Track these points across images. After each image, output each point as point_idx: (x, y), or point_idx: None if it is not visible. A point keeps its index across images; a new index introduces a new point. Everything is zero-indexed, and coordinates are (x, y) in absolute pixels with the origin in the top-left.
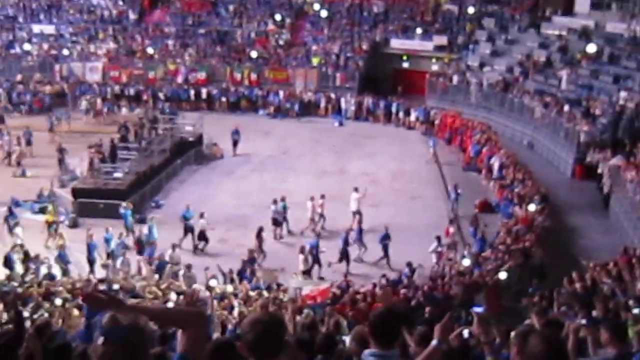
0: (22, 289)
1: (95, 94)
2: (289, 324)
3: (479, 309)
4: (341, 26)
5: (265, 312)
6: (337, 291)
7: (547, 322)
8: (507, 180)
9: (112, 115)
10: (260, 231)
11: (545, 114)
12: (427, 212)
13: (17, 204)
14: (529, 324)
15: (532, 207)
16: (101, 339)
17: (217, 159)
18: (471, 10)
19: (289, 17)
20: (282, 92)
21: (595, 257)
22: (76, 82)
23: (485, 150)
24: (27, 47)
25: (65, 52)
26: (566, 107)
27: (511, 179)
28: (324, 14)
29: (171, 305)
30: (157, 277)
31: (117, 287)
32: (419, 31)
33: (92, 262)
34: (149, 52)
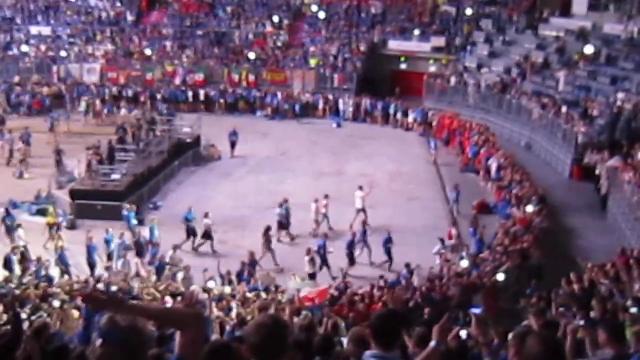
0: (20, 290)
1: (93, 96)
2: None
3: (476, 310)
4: (339, 27)
5: (269, 315)
6: (335, 292)
7: (545, 323)
8: (505, 181)
9: (111, 116)
10: (267, 230)
11: (542, 115)
12: (425, 213)
13: (14, 205)
14: (526, 325)
15: (530, 208)
16: (99, 341)
17: (215, 160)
18: (469, 11)
19: (286, 19)
20: (279, 94)
21: (592, 258)
22: (74, 84)
23: (483, 151)
24: (24, 48)
25: (62, 53)
26: (564, 108)
27: (509, 180)
28: (322, 15)
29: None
30: (154, 279)
31: (115, 288)
32: (417, 32)
33: (92, 264)
34: (147, 53)
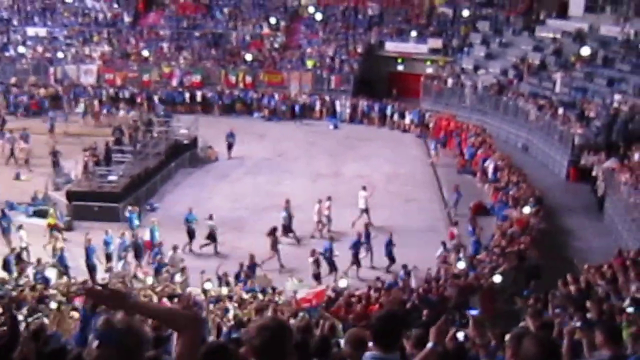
0: (17, 292)
1: (90, 97)
2: None
3: (474, 312)
4: (336, 29)
5: (271, 318)
6: (332, 294)
7: (541, 325)
8: (502, 182)
9: (110, 117)
10: (273, 230)
11: (539, 117)
12: (422, 214)
13: (11, 206)
14: (523, 326)
15: (527, 210)
16: (96, 342)
17: (212, 161)
18: (466, 13)
19: (283, 20)
20: (277, 95)
21: (589, 260)
22: (71, 85)
23: (479, 152)
24: (21, 49)
25: (59, 54)
26: (560, 110)
27: (506, 182)
28: (319, 16)
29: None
30: (150, 280)
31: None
32: (414, 34)
33: (91, 266)
34: (144, 54)
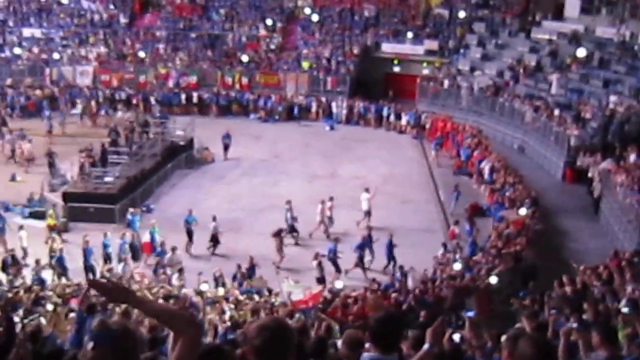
0: (12, 293)
1: (87, 98)
2: None
3: (470, 314)
4: (332, 30)
5: (272, 318)
6: (329, 295)
7: (537, 326)
8: (498, 184)
9: (107, 118)
10: (280, 231)
11: (535, 118)
12: (418, 215)
13: (7, 208)
14: (519, 327)
15: (523, 211)
16: (91, 344)
17: (208, 163)
18: (462, 14)
19: (280, 22)
20: (273, 96)
21: (585, 261)
22: (67, 86)
23: (476, 154)
24: (17, 51)
25: (55, 56)
26: (556, 111)
27: (502, 183)
28: (315, 18)
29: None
30: (146, 281)
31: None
32: (410, 35)
33: (89, 268)
34: (140, 56)
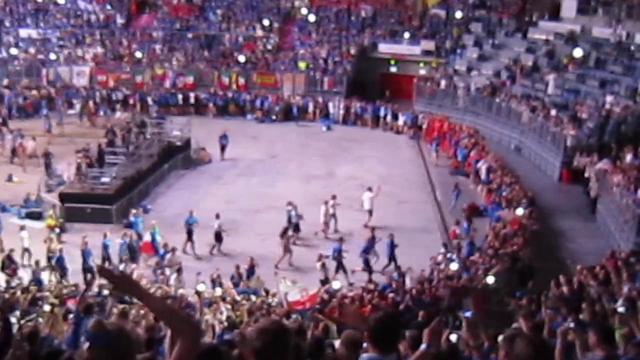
0: (9, 294)
1: (85, 98)
2: None
3: (467, 314)
4: (329, 31)
5: (271, 321)
6: (326, 295)
7: (534, 326)
8: (495, 184)
9: (106, 119)
10: (285, 230)
11: (532, 118)
12: (415, 215)
13: (3, 208)
14: (516, 327)
15: (520, 211)
16: (87, 344)
17: (205, 163)
18: (459, 15)
19: (276, 22)
20: (270, 97)
21: (582, 261)
22: (63, 87)
23: (472, 154)
24: (14, 51)
25: (52, 56)
26: (553, 112)
27: (499, 183)
28: (312, 18)
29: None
30: (144, 282)
31: (107, 292)
32: (407, 36)
33: (88, 269)
34: (137, 56)
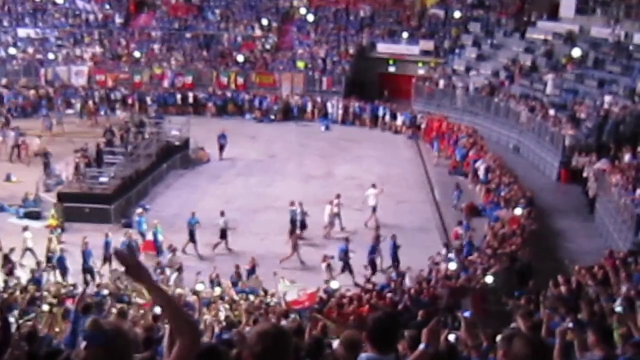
0: (7, 294)
1: (84, 98)
2: None
3: (467, 314)
4: (327, 30)
5: (271, 324)
6: (324, 295)
7: (532, 325)
8: (493, 184)
9: (106, 118)
10: (293, 229)
11: (530, 118)
12: (413, 215)
13: (1, 208)
14: (515, 327)
15: (519, 211)
16: (83, 343)
17: (204, 163)
18: (457, 14)
19: (275, 22)
20: (268, 96)
21: (580, 261)
22: (62, 86)
23: (471, 154)
24: (12, 51)
25: (50, 56)
26: (551, 111)
27: (497, 183)
28: (311, 18)
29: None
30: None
31: (106, 292)
32: (405, 35)
33: (88, 270)
34: (135, 56)
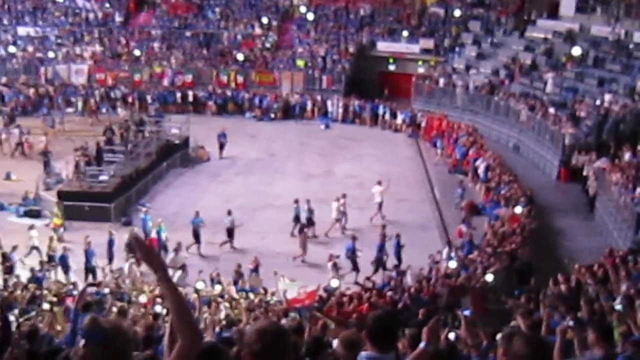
0: (7, 292)
1: (85, 96)
2: None
3: (467, 312)
4: (327, 29)
5: (271, 322)
6: (324, 294)
7: (532, 324)
8: (493, 182)
9: (109, 116)
10: (302, 228)
11: (530, 117)
12: (413, 214)
13: (1, 206)
14: (514, 325)
15: (518, 210)
16: (82, 342)
17: (204, 161)
18: (457, 13)
19: (275, 20)
20: (268, 95)
21: (580, 259)
22: (62, 85)
23: (471, 152)
24: (12, 49)
25: (50, 54)
26: (551, 110)
27: (497, 182)
28: (311, 16)
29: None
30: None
31: (107, 291)
32: (405, 34)
33: (90, 269)
34: (135, 54)
